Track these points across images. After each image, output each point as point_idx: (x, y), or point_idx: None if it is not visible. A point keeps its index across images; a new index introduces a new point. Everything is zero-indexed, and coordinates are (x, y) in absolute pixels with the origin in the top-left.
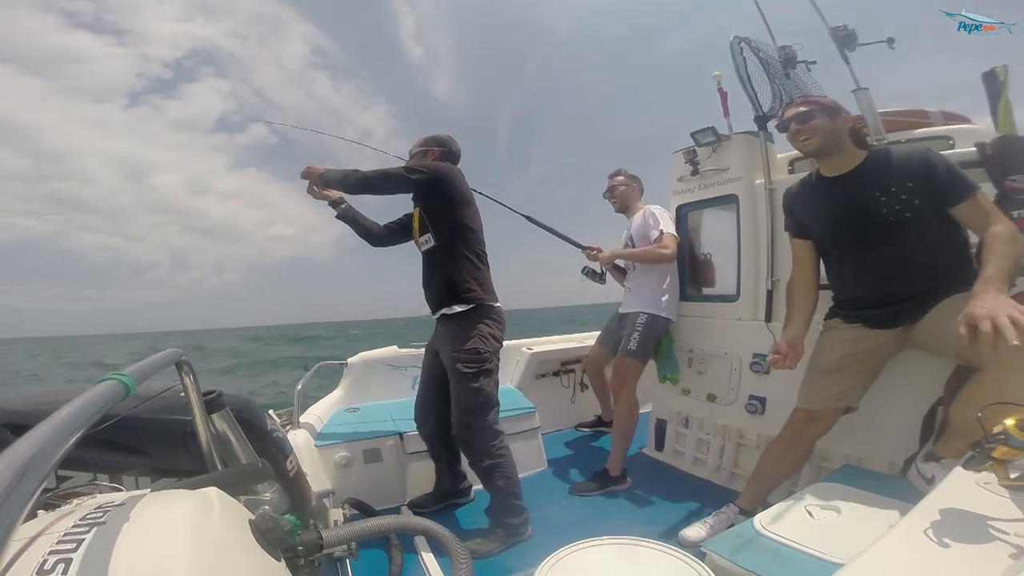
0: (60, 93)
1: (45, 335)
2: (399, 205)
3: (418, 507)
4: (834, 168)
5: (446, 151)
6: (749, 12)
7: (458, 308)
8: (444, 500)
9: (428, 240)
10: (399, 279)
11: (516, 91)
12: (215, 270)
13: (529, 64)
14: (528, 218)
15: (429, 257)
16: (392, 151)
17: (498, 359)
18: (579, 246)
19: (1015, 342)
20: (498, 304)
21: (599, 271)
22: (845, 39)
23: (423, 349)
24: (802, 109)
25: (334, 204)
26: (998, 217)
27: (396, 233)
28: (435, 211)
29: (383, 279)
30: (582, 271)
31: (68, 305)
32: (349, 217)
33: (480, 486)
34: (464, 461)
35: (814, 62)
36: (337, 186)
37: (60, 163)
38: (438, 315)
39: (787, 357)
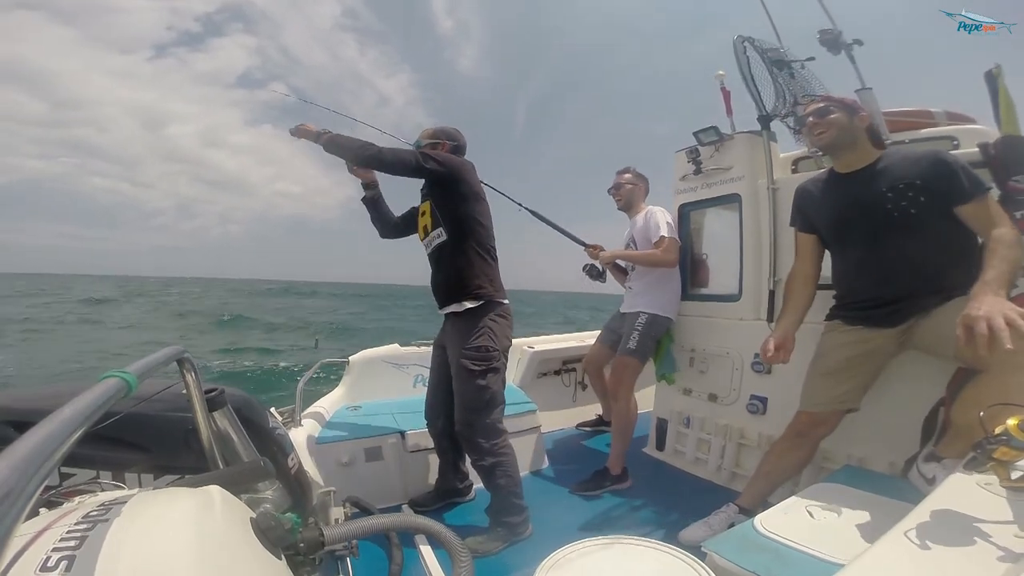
0: (89, 42)
1: (43, 272)
2: (405, 195)
3: (418, 505)
4: (847, 164)
5: (456, 145)
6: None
7: (468, 304)
8: (445, 498)
9: (440, 235)
10: (389, 247)
11: (540, 75)
12: (220, 220)
13: (556, 50)
14: (532, 212)
15: (438, 252)
16: (409, 121)
17: (506, 358)
18: (582, 243)
19: (1009, 345)
20: (507, 302)
21: (600, 269)
22: (831, 42)
23: (423, 347)
24: (821, 104)
25: (367, 186)
26: (1003, 221)
27: (404, 227)
28: (448, 206)
29: (379, 247)
30: (583, 268)
31: (69, 243)
32: (373, 202)
33: (481, 485)
34: (467, 459)
35: (812, 58)
36: (347, 154)
37: (78, 110)
38: (447, 311)
39: (777, 353)
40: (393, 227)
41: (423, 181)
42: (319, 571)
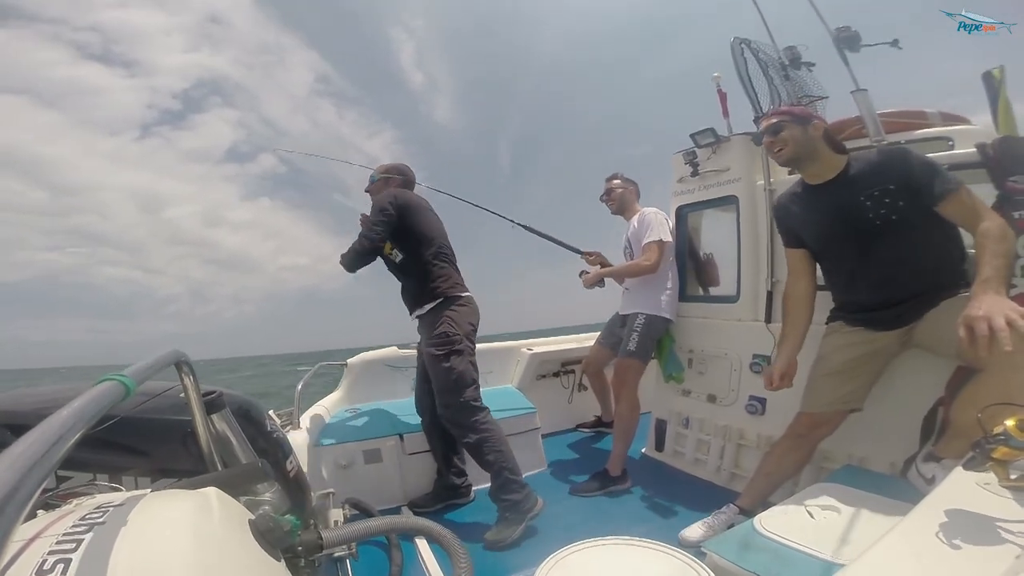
0: (76, 126)
1: (80, 365)
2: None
3: (418, 507)
4: (816, 176)
5: (404, 179)
6: (742, 21)
7: (428, 306)
8: (444, 498)
9: (396, 254)
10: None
11: (513, 115)
12: (233, 302)
13: (523, 88)
14: (525, 227)
15: (399, 267)
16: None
17: (471, 342)
18: (578, 252)
19: (1008, 348)
20: (466, 294)
21: None
22: (848, 40)
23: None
24: (773, 121)
25: None
26: (987, 213)
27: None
28: (396, 234)
29: (388, 305)
30: (580, 275)
31: (95, 337)
32: None
33: (480, 487)
34: (466, 460)
35: (813, 64)
36: (349, 269)
37: (78, 196)
38: (415, 315)
39: (782, 382)
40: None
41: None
42: (318, 573)
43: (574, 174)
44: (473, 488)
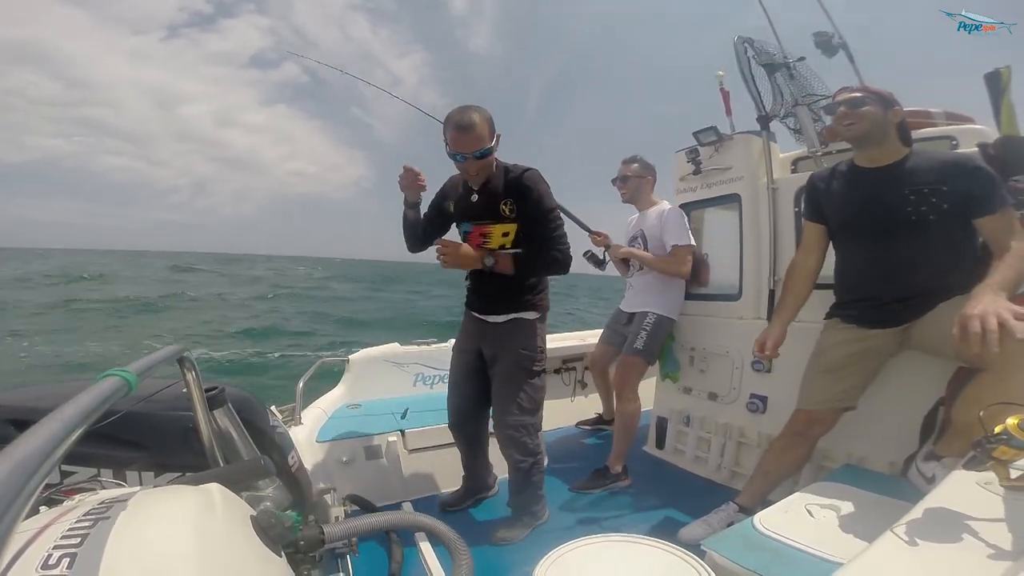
0: (101, 24)
1: (55, 247)
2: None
3: (450, 506)
4: (872, 159)
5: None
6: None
7: (528, 315)
8: (474, 495)
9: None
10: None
11: (553, 57)
12: (234, 199)
13: (570, 32)
14: None
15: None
16: (422, 101)
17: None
18: (587, 229)
19: (996, 349)
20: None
21: (601, 257)
22: (824, 45)
23: (423, 346)
24: (856, 94)
25: (412, 203)
26: (1020, 235)
27: (427, 239)
28: (531, 234)
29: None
30: (584, 255)
31: (91, 220)
32: (415, 217)
33: (502, 476)
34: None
35: (803, 58)
36: (541, 273)
37: (94, 90)
38: (501, 319)
39: (772, 351)
40: (422, 241)
41: (494, 199)
42: (319, 568)
43: (598, 134)
44: (497, 479)
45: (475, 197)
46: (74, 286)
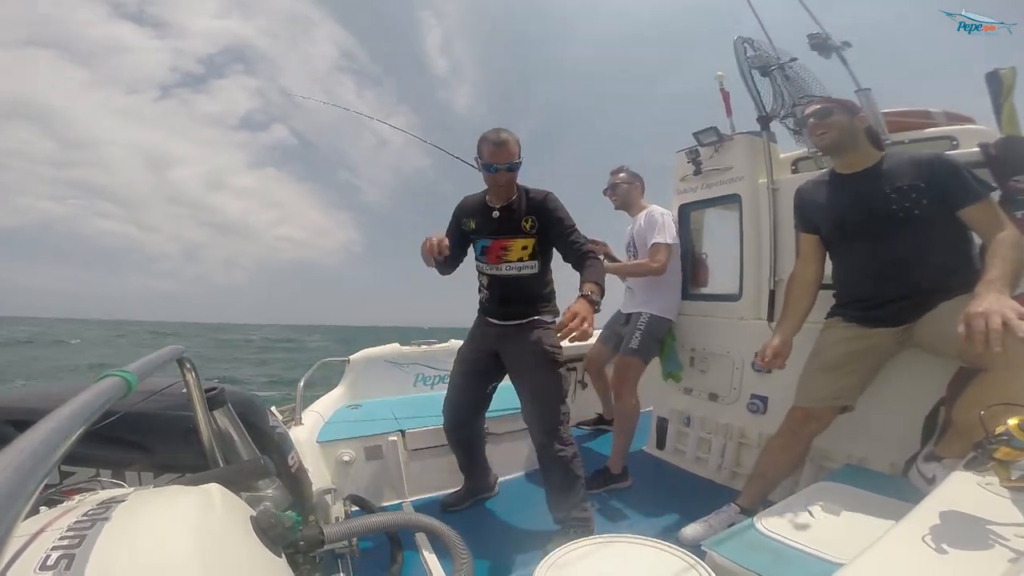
0: (97, 83)
1: (43, 316)
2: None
3: (450, 506)
4: (849, 165)
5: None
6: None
7: (547, 318)
8: (474, 496)
9: (533, 266)
10: (398, 288)
11: (533, 111)
12: (224, 265)
13: (545, 86)
14: None
15: (521, 278)
16: (409, 163)
17: None
18: (584, 239)
19: (998, 348)
20: None
21: None
22: (820, 46)
23: (424, 347)
24: (822, 106)
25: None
26: (1007, 224)
27: (456, 260)
28: (547, 245)
29: (385, 289)
30: None
31: (80, 288)
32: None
33: (504, 477)
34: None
35: (795, 59)
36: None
37: (86, 150)
38: (518, 322)
39: (775, 360)
40: (451, 266)
41: (504, 212)
42: (319, 569)
43: (584, 176)
44: (498, 479)
45: (496, 214)
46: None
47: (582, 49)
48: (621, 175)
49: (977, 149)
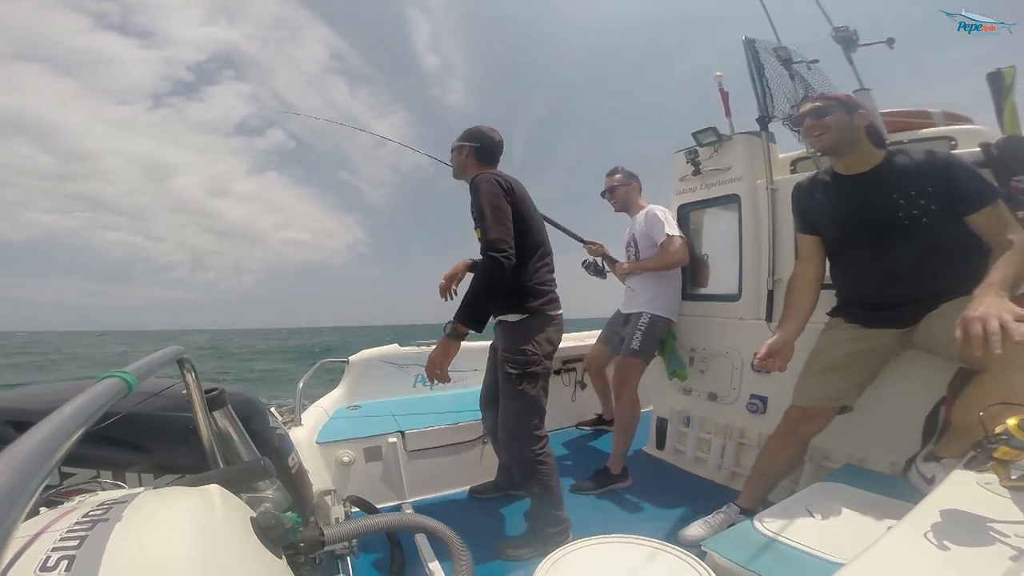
0: (88, 94)
1: (61, 330)
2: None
3: (479, 493)
4: (849, 166)
5: (479, 146)
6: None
7: (515, 317)
8: (504, 489)
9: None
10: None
11: (531, 104)
12: (233, 271)
13: (542, 78)
14: None
15: None
16: (407, 161)
17: (549, 362)
18: (581, 240)
19: (998, 351)
20: (559, 312)
21: (600, 266)
22: (846, 40)
23: (423, 347)
24: (817, 104)
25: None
26: (1015, 228)
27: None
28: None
29: (393, 287)
30: (583, 264)
31: (90, 300)
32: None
33: None
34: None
35: (816, 61)
36: (473, 326)
37: (85, 163)
38: (499, 319)
39: (775, 361)
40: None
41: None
42: (319, 570)
43: (588, 168)
44: None
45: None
46: None
47: (580, 39)
48: (617, 176)
49: (977, 149)
